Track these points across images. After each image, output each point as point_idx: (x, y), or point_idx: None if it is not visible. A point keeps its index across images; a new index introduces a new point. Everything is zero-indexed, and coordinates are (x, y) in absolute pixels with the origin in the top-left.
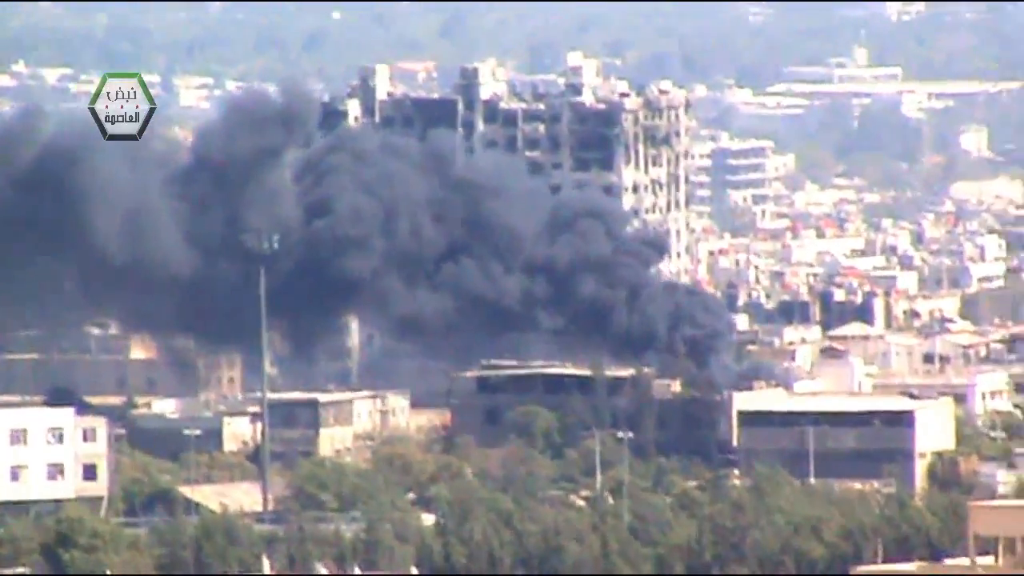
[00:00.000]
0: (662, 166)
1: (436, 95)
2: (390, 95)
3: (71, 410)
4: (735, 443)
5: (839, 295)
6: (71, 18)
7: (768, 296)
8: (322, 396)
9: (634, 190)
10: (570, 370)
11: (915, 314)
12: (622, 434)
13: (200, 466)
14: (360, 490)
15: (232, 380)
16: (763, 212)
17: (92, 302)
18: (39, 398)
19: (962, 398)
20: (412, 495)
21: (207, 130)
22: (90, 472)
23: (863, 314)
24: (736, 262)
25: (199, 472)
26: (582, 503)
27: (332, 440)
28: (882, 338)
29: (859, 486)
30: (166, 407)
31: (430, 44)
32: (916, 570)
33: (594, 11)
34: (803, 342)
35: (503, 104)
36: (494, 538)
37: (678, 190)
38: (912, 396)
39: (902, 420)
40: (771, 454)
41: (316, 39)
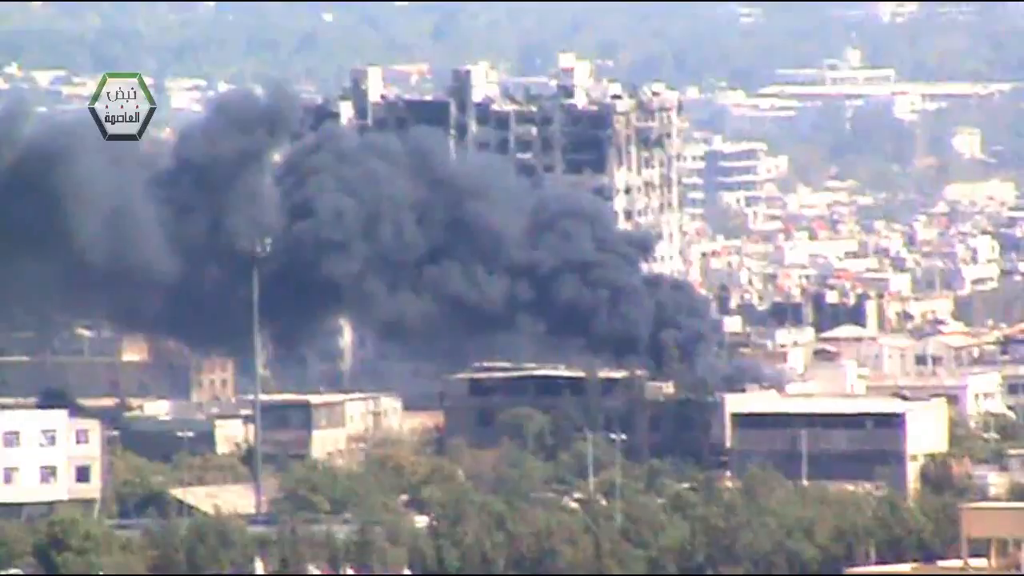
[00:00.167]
0: (654, 168)
1: (429, 97)
2: (383, 97)
3: (64, 412)
4: (728, 445)
5: (832, 297)
6: (63, 20)
7: (761, 298)
8: (314, 398)
9: (626, 192)
10: (562, 372)
11: (908, 316)
12: (614, 436)
13: (193, 468)
14: (352, 492)
15: (225, 382)
16: (755, 214)
17: (77, 305)
18: (32, 400)
19: (955, 400)
20: (404, 497)
21: (191, 131)
22: (83, 474)
23: (856, 316)
24: (729, 264)
25: (192, 474)
26: (575, 505)
27: (324, 442)
28: (875, 340)
29: (852, 488)
30: (159, 409)
31: (422, 46)
32: (909, 572)
33: (586, 13)
34: (796, 344)
35: (495, 106)
36: (487, 540)
37: (670, 192)
38: (904, 398)
39: (894, 422)
40: (763, 456)
41: (308, 41)
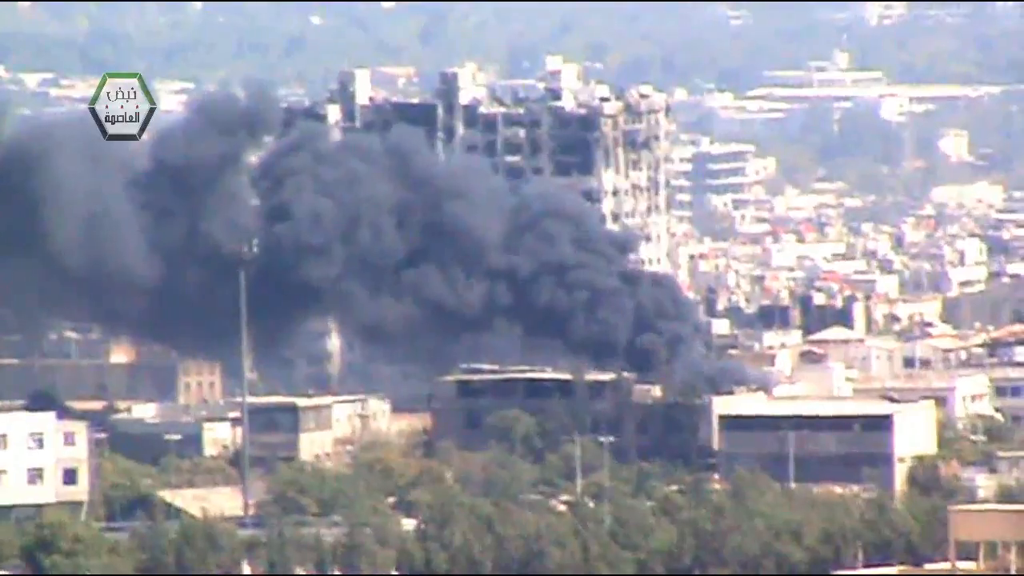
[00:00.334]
0: (642, 170)
1: (416, 100)
2: (371, 100)
3: (52, 415)
4: (716, 447)
5: (819, 299)
6: (52, 23)
7: (748, 300)
8: (302, 401)
9: (614, 194)
10: (550, 374)
11: (895, 318)
12: (603, 438)
13: (181, 471)
14: (340, 494)
15: (212, 385)
16: (743, 216)
17: (56, 307)
18: (20, 403)
19: (943, 402)
20: (392, 499)
21: (169, 133)
22: (70, 477)
23: (843, 318)
24: (716, 266)
25: (180, 477)
26: (563, 507)
27: (312, 445)
28: (862, 342)
29: (839, 490)
30: (146, 412)
31: (410, 48)
32: (896, 574)
33: (574, 15)
34: (783, 346)
35: (483, 109)
36: (475, 542)
37: (658, 194)
38: (892, 400)
39: (882, 424)
40: (751, 458)
41: (296, 43)
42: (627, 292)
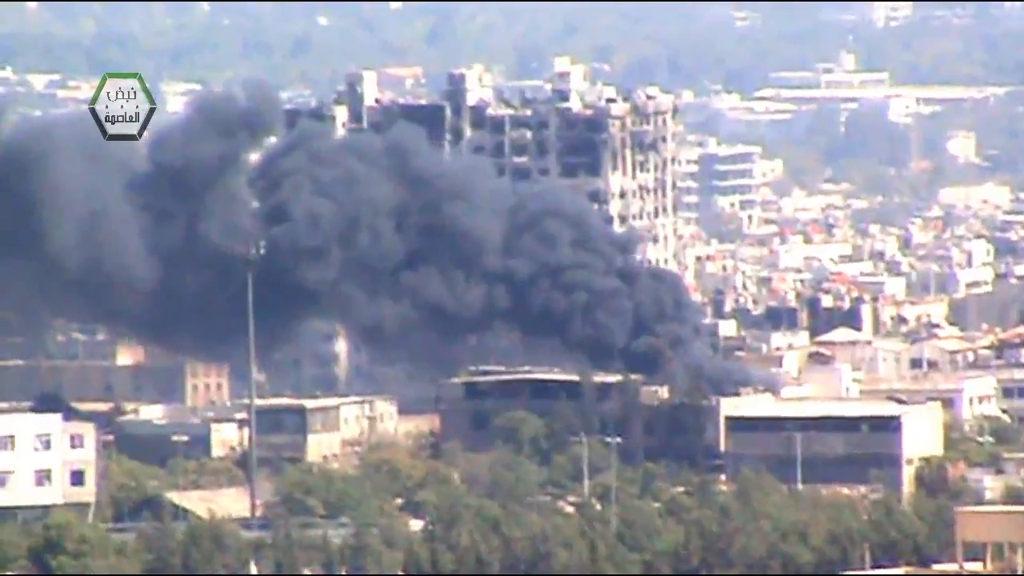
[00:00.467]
0: (649, 172)
1: (423, 101)
2: (377, 101)
3: (59, 416)
4: (722, 448)
5: (827, 301)
6: (59, 24)
7: (755, 302)
8: (309, 402)
9: (621, 196)
10: (557, 376)
11: (902, 319)
12: (609, 439)
13: (188, 472)
14: (348, 496)
15: (220, 386)
16: (750, 218)
17: (55, 308)
18: (27, 404)
19: (950, 403)
20: (400, 501)
21: (168, 133)
22: (78, 478)
23: (851, 320)
24: (723, 268)
25: (187, 478)
26: (570, 509)
27: (320, 446)
28: (870, 343)
29: (846, 491)
30: (154, 413)
31: (417, 50)
32: (903, 575)
33: (581, 16)
34: (790, 348)
35: (490, 110)
36: (482, 544)
37: (665, 196)
38: (899, 401)
39: (889, 425)
40: (758, 459)
41: (303, 44)
42: (626, 293)
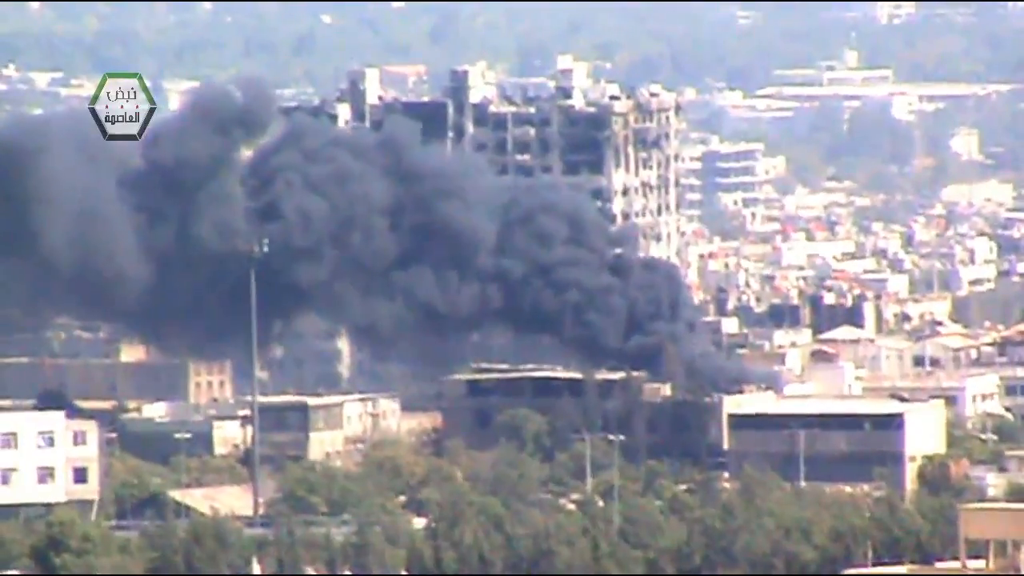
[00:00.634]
0: (652, 169)
1: (426, 99)
2: (380, 99)
3: (62, 414)
4: (725, 446)
5: (829, 298)
6: (61, 22)
7: (758, 299)
8: (312, 400)
9: (624, 193)
10: (560, 373)
11: (905, 317)
12: (612, 437)
13: (191, 470)
14: (350, 493)
15: (223, 384)
16: (753, 215)
17: (48, 305)
18: (30, 402)
19: (953, 401)
20: (402, 498)
21: (163, 131)
22: (81, 475)
23: (853, 317)
24: (726, 265)
25: (189, 476)
26: (572, 506)
27: (322, 444)
28: (872, 341)
29: (849, 489)
30: (157, 411)
31: (420, 48)
32: (906, 573)
33: (584, 14)
34: (793, 345)
35: (493, 108)
36: (484, 541)
37: (668, 193)
38: (902, 399)
39: (892, 423)
40: (761, 457)
41: (306, 43)
42: (619, 289)
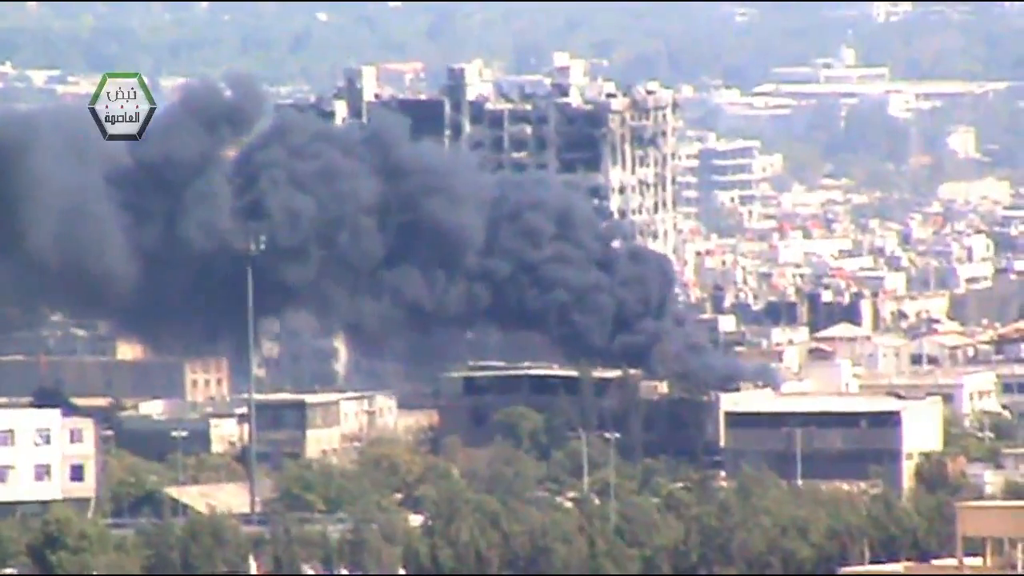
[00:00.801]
0: (649, 167)
1: (423, 96)
2: (377, 96)
3: (58, 411)
4: (722, 444)
5: (826, 296)
6: (58, 20)
7: (755, 297)
8: (309, 397)
9: (621, 191)
10: (556, 371)
11: (902, 315)
12: (609, 435)
13: (187, 467)
14: (347, 491)
15: (219, 381)
16: (750, 213)
17: (34, 302)
18: (26, 399)
19: (950, 399)
20: (399, 496)
21: (151, 128)
22: (77, 473)
23: (850, 315)
24: (723, 263)
25: (186, 473)
26: (569, 504)
27: (319, 441)
28: (869, 339)
29: (846, 487)
30: (153, 408)
31: (416, 45)
32: (903, 571)
33: (581, 12)
34: (790, 343)
35: (490, 105)
36: (481, 539)
37: (665, 191)
38: (899, 397)
39: (889, 421)
40: (758, 455)
41: (302, 40)
42: (607, 286)
